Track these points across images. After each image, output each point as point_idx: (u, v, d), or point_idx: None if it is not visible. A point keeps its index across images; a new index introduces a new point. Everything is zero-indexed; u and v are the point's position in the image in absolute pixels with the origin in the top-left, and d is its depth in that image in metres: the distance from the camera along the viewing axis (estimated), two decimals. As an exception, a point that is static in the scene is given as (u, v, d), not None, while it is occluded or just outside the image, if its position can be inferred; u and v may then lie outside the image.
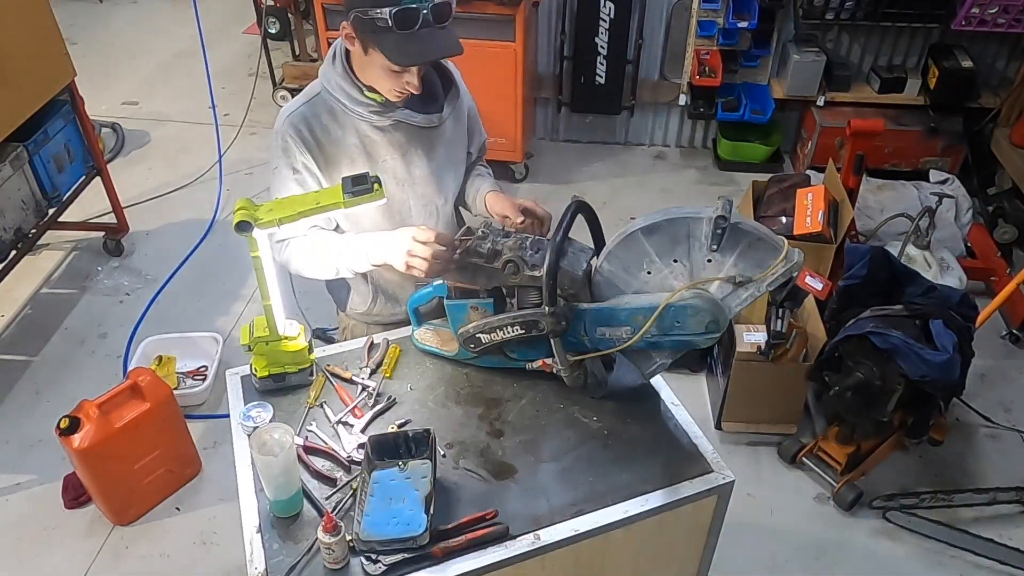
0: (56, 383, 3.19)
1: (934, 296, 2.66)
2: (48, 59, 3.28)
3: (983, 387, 3.21)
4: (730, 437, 3.00)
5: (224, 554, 2.61)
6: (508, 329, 1.61)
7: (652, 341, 1.54)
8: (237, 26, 6.05)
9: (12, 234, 3.21)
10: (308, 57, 4.84)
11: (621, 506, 1.53)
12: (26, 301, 3.60)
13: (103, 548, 2.63)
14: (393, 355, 1.84)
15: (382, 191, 1.57)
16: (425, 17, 1.59)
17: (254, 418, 1.66)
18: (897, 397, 2.51)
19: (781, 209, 3.31)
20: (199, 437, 2.91)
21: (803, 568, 2.62)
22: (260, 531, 1.49)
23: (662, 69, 4.46)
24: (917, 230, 3.31)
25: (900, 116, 4.18)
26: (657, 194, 4.35)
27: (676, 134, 4.77)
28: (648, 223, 1.48)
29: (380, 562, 1.40)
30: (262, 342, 1.71)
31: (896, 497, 2.73)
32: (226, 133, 4.72)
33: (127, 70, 5.57)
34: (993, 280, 3.61)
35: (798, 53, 4.17)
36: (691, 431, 1.70)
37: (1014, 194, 3.93)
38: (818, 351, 2.73)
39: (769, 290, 1.47)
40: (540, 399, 1.74)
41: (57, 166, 3.43)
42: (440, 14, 1.61)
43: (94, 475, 2.55)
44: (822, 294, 2.71)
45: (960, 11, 3.79)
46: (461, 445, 1.65)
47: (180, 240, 3.96)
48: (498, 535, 1.46)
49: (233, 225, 1.53)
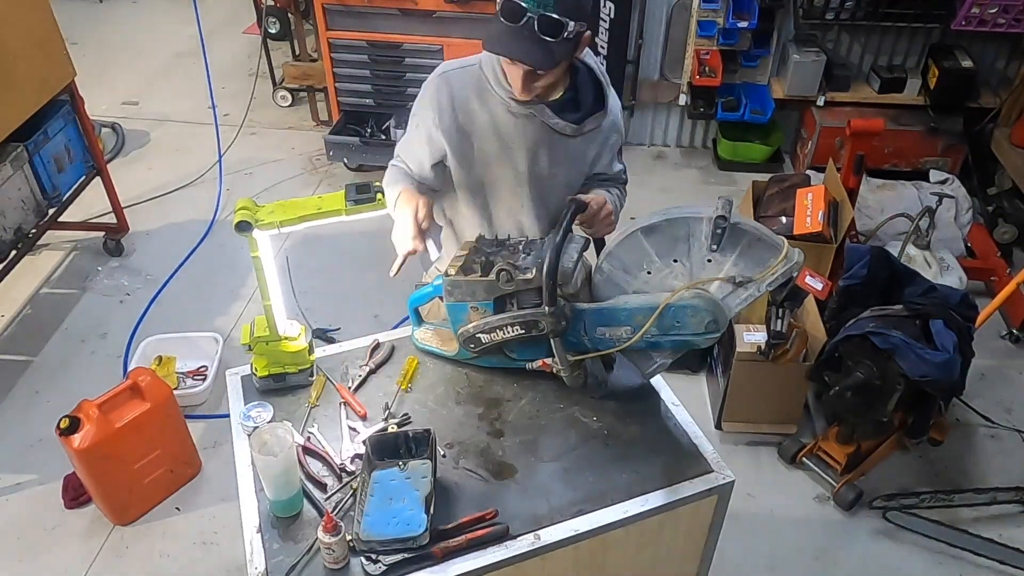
0: (56, 383, 3.19)
1: (934, 296, 2.66)
2: (48, 59, 3.28)
3: (983, 387, 3.21)
4: (730, 437, 3.00)
5: (224, 554, 2.61)
6: (508, 329, 1.61)
7: (652, 341, 1.54)
8: (237, 26, 6.05)
9: (12, 234, 3.21)
10: (308, 57, 4.84)
11: (621, 506, 1.53)
12: (26, 301, 3.60)
13: (103, 548, 2.63)
14: (410, 367, 1.82)
15: (383, 201, 1.58)
16: (529, 20, 1.59)
17: (254, 418, 1.67)
18: (897, 397, 2.51)
19: (781, 209, 3.31)
20: (199, 437, 2.91)
21: (803, 568, 2.62)
22: (260, 531, 1.49)
23: (662, 69, 4.46)
24: (917, 230, 3.31)
25: (900, 116, 4.18)
26: (657, 194, 4.35)
27: (676, 134, 4.77)
28: (648, 223, 1.48)
29: (380, 562, 1.40)
30: (262, 342, 1.71)
31: (896, 497, 2.73)
32: (226, 133, 4.72)
33: (127, 70, 5.57)
34: (993, 280, 3.61)
35: (798, 53, 4.17)
36: (691, 431, 1.70)
37: (1014, 194, 3.93)
38: (818, 351, 2.73)
39: (769, 290, 1.47)
40: (540, 399, 1.74)
41: (57, 166, 3.43)
42: (545, 25, 1.60)
43: (94, 475, 2.55)
44: (822, 294, 2.71)
45: (960, 11, 3.79)
46: (461, 445, 1.65)
47: (180, 240, 3.96)
48: (498, 535, 1.46)
49: (233, 225, 1.53)
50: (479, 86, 1.80)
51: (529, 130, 1.82)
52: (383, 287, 2.50)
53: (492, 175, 1.87)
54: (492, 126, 1.81)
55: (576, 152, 1.89)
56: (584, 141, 1.88)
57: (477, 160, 1.84)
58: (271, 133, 4.83)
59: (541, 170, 1.87)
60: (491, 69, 1.78)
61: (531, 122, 1.81)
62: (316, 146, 4.62)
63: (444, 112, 1.79)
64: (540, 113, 1.79)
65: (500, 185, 1.88)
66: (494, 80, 1.78)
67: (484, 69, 1.80)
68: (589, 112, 1.84)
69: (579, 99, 1.84)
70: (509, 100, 1.78)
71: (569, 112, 1.82)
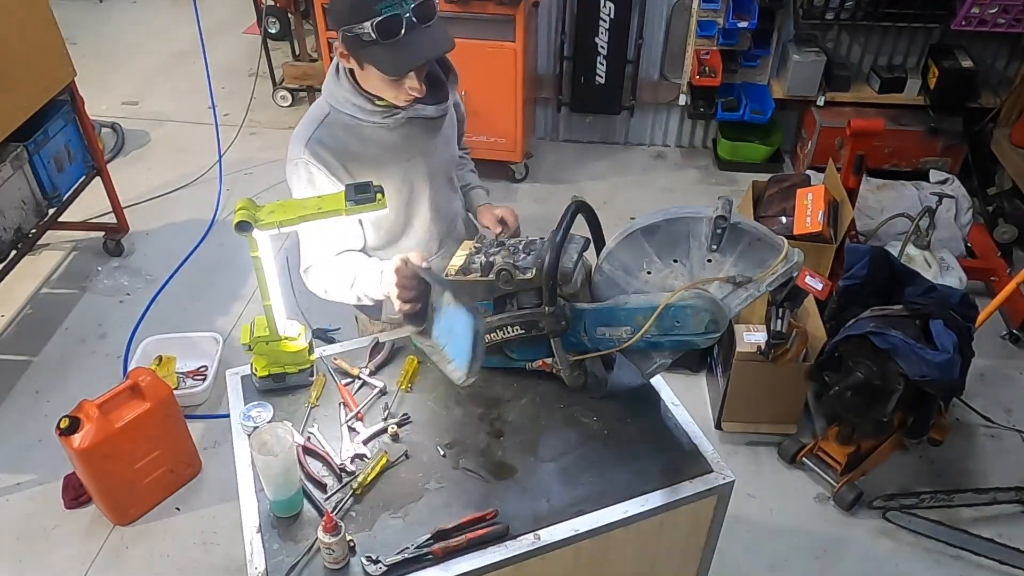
0: (56, 383, 3.19)
1: (934, 296, 2.66)
2: (48, 59, 3.28)
3: (983, 387, 3.21)
4: (730, 437, 3.00)
5: (224, 554, 2.61)
6: (508, 329, 1.61)
7: (652, 341, 1.54)
8: (237, 26, 6.05)
9: (12, 234, 3.21)
10: (308, 57, 4.84)
11: (621, 506, 1.53)
12: (26, 301, 3.60)
13: (103, 548, 2.63)
14: (410, 367, 1.82)
15: (384, 200, 1.57)
16: (409, 21, 1.57)
17: (254, 418, 1.66)
18: (897, 397, 2.51)
19: (781, 209, 3.31)
20: (199, 437, 2.91)
21: (803, 568, 2.62)
22: (260, 531, 1.49)
23: (662, 69, 4.46)
24: (917, 230, 3.31)
25: (900, 116, 4.18)
26: (657, 194, 4.35)
27: (676, 134, 4.76)
28: (648, 223, 1.48)
29: (380, 562, 1.40)
30: (262, 342, 1.71)
31: (896, 497, 2.73)
32: (226, 133, 4.72)
33: (127, 70, 5.57)
34: (993, 280, 3.61)
35: (798, 53, 4.17)
36: (691, 431, 1.70)
37: (1014, 194, 3.93)
38: (818, 351, 2.73)
39: (769, 290, 1.47)
40: (540, 399, 1.74)
41: (57, 166, 3.43)
42: (423, 14, 1.59)
43: (94, 475, 2.55)
44: (822, 294, 2.69)
45: (960, 11, 3.79)
46: (461, 445, 1.65)
47: (180, 240, 3.96)
48: (498, 535, 1.46)
49: (233, 225, 1.53)
50: (348, 128, 1.77)
51: (413, 134, 1.82)
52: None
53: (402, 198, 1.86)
54: (381, 153, 1.80)
55: (445, 131, 1.92)
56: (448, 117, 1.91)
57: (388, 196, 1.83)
58: (271, 133, 4.83)
59: (440, 160, 1.90)
60: (353, 107, 1.74)
61: (411, 124, 1.80)
62: (316, 146, 4.62)
63: (335, 168, 1.75)
64: (413, 111, 1.78)
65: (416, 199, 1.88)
66: (363, 114, 1.75)
67: (346, 111, 1.75)
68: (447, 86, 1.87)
69: (435, 79, 1.84)
70: (385, 120, 1.75)
71: (434, 95, 1.81)
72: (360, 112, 1.75)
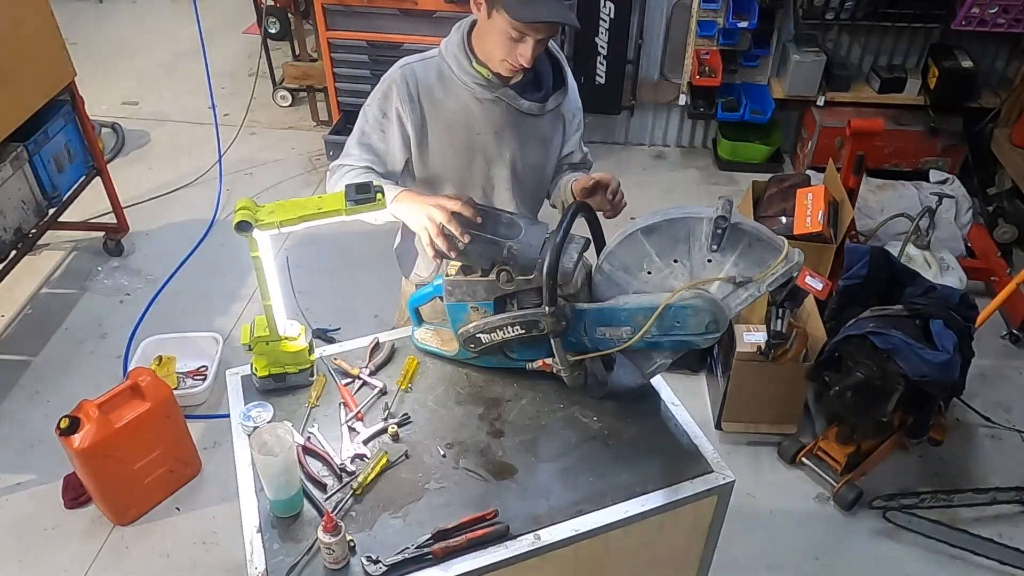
0: (56, 383, 3.19)
1: (934, 296, 2.66)
2: (48, 59, 3.28)
3: (983, 387, 3.21)
4: (730, 437, 3.00)
5: (224, 554, 2.61)
6: (508, 329, 1.61)
7: (652, 341, 1.54)
8: (237, 26, 6.05)
9: (12, 234, 3.20)
10: (308, 57, 4.83)
11: (621, 506, 1.53)
12: (26, 301, 3.60)
13: (103, 548, 2.63)
14: (410, 367, 1.82)
15: (384, 201, 1.57)
16: None
17: (254, 418, 1.66)
18: (897, 397, 2.51)
19: (781, 209, 3.31)
20: (199, 437, 2.91)
21: (803, 568, 2.62)
22: (260, 531, 1.49)
23: (662, 69, 4.46)
24: (917, 230, 3.31)
25: (900, 116, 4.18)
26: (657, 194, 4.35)
27: (676, 134, 4.77)
28: (648, 223, 1.48)
29: (380, 562, 1.40)
30: (262, 342, 1.71)
31: (896, 497, 2.73)
32: (226, 133, 4.72)
33: (127, 70, 5.57)
34: (993, 280, 3.61)
35: (798, 53, 4.17)
36: (691, 431, 1.70)
37: (1014, 194, 3.93)
38: (818, 351, 2.73)
39: (769, 290, 1.47)
40: (540, 399, 1.74)
41: (57, 166, 3.43)
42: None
43: (94, 475, 2.55)
44: (822, 294, 2.69)
45: (960, 11, 3.80)
46: (461, 445, 1.65)
47: (180, 240, 3.96)
48: (498, 535, 1.46)
49: (233, 225, 1.53)
50: (442, 76, 1.81)
51: (495, 114, 1.83)
52: (383, 287, 2.51)
53: (460, 163, 1.87)
54: (458, 114, 1.82)
55: (541, 132, 1.91)
56: (548, 121, 1.90)
57: (444, 150, 1.85)
58: (271, 133, 4.84)
59: (511, 152, 1.88)
60: (454, 58, 1.79)
61: (497, 106, 1.82)
62: (316, 146, 4.62)
63: (412, 98, 1.79)
64: (505, 96, 1.80)
65: (472, 173, 1.89)
66: (459, 69, 1.79)
67: (447, 59, 1.80)
68: (550, 91, 1.87)
69: (540, 79, 1.86)
70: (475, 86, 1.79)
71: (531, 92, 1.83)
72: (456, 66, 1.79)
